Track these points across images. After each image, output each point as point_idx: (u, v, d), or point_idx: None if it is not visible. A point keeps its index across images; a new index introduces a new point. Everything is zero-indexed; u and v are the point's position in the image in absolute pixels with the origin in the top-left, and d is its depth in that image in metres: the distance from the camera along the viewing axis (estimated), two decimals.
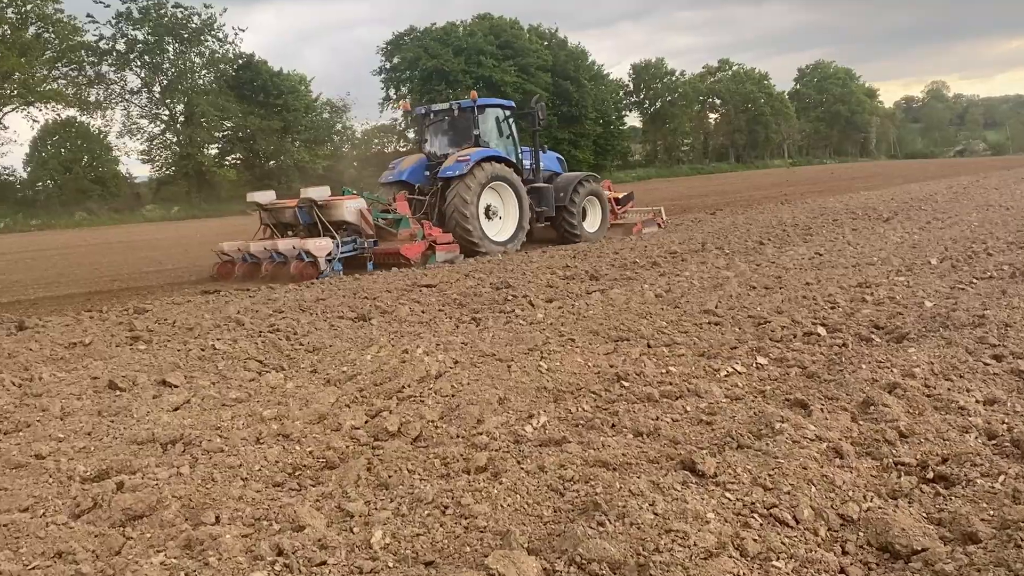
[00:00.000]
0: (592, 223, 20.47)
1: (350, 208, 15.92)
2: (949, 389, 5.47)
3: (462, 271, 13.96)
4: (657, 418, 5.27)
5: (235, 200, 54.14)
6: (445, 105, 19.13)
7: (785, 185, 44.71)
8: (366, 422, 5.55)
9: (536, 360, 6.94)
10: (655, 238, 18.46)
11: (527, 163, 19.67)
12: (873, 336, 7.26)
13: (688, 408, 5.46)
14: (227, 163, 60.30)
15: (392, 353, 7.50)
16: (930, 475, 4.22)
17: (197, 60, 58.90)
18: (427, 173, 18.67)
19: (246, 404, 6.15)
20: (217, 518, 4.09)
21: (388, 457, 4.80)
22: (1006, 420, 4.89)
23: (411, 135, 71.96)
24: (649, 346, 7.53)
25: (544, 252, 16.89)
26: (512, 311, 9.67)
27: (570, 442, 4.85)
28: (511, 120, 19.59)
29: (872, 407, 5.09)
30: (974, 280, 9.74)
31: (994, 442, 4.59)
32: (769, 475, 4.07)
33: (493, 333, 8.37)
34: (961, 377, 5.76)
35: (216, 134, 59.84)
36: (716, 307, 9.15)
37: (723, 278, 11.27)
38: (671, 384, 6.06)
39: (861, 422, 4.93)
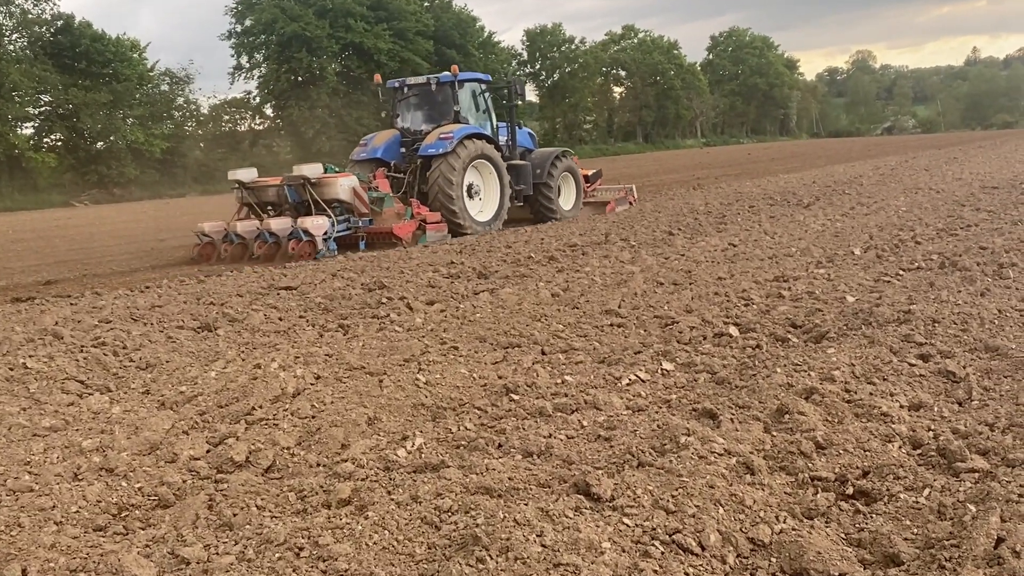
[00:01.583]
0: (567, 200, 22.35)
1: (344, 186, 17.39)
2: (871, 394, 5.68)
3: (328, 270, 13.79)
4: (550, 435, 5.30)
5: (55, 190, 52.09)
6: (421, 79, 20.88)
7: (698, 168, 45.88)
8: (208, 451, 5.41)
9: (413, 373, 6.90)
10: (553, 229, 18.65)
11: (502, 139, 21.14)
12: (790, 336, 7.48)
13: (584, 423, 5.51)
14: (45, 146, 57.96)
15: (241, 369, 7.34)
16: (849, 490, 4.37)
17: (5, 22, 56.43)
18: (403, 150, 20.41)
19: (63, 433, 5.91)
20: (24, 571, 3.91)
21: (233, 492, 4.69)
22: (932, 427, 5.11)
23: (268, 111, 70.78)
24: (543, 353, 7.58)
25: (426, 247, 16.83)
26: (386, 316, 9.60)
27: (449, 467, 4.83)
28: (487, 95, 21.19)
29: (787, 416, 5.24)
30: (900, 271, 10.17)
31: (919, 452, 4.79)
32: (672, 496, 4.14)
33: (363, 342, 8.29)
34: (884, 380, 6.00)
35: (31, 110, 57.48)
36: (619, 307, 9.28)
37: (628, 273, 11.45)
38: (567, 396, 6.11)
39: (775, 433, 5.07)
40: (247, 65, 70.42)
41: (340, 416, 5.78)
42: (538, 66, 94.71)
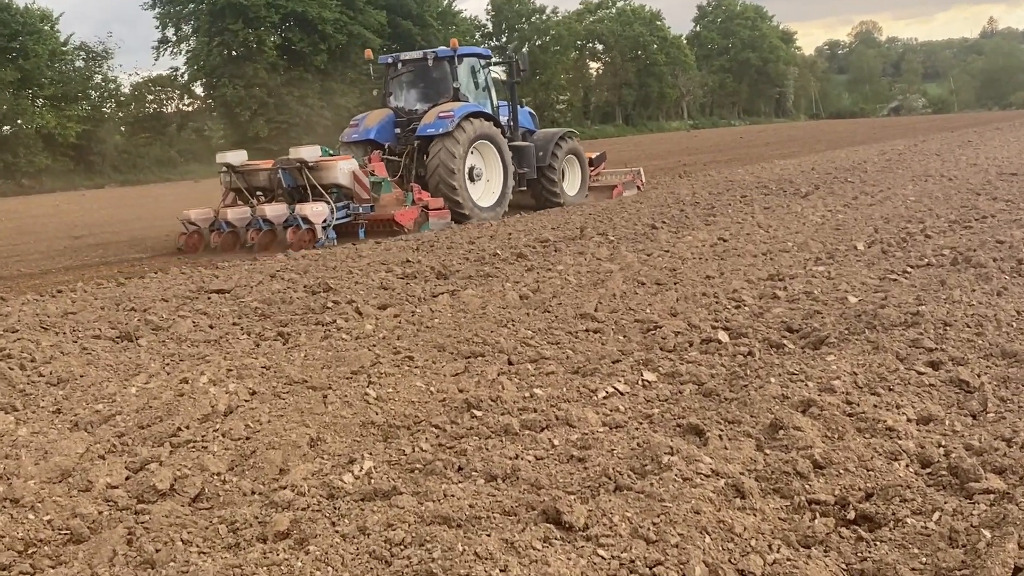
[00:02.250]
0: (572, 185, 23.16)
1: (344, 169, 18.08)
2: (875, 406, 5.72)
3: (266, 270, 13.74)
4: (516, 456, 5.29)
5: None
6: (417, 54, 21.53)
7: (684, 153, 46.14)
8: (127, 478, 5.36)
9: (362, 387, 6.88)
10: (522, 223, 18.67)
11: (503, 119, 21.71)
12: (785, 341, 7.53)
13: (556, 442, 5.51)
14: None
15: (166, 384, 7.28)
16: (851, 515, 4.40)
17: None
18: (397, 131, 21.08)
19: None
20: None
21: (156, 524, 4.64)
22: (943, 443, 5.16)
23: (199, 90, 70.30)
24: (510, 363, 7.59)
25: (378, 244, 16.79)
26: (332, 322, 9.57)
27: (402, 493, 4.81)
28: (487, 71, 21.95)
29: (781, 431, 5.27)
30: (908, 269, 10.27)
31: (928, 471, 4.83)
32: (653, 524, 4.15)
33: (305, 352, 8.25)
34: (890, 390, 6.04)
35: None
36: (595, 310, 9.30)
37: (605, 272, 11.48)
38: (536, 411, 6.11)
39: (768, 451, 5.09)
40: (174, 38, 69.78)
41: (278, 437, 5.75)
42: (504, 39, 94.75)
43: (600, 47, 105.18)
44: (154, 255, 18.22)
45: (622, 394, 6.51)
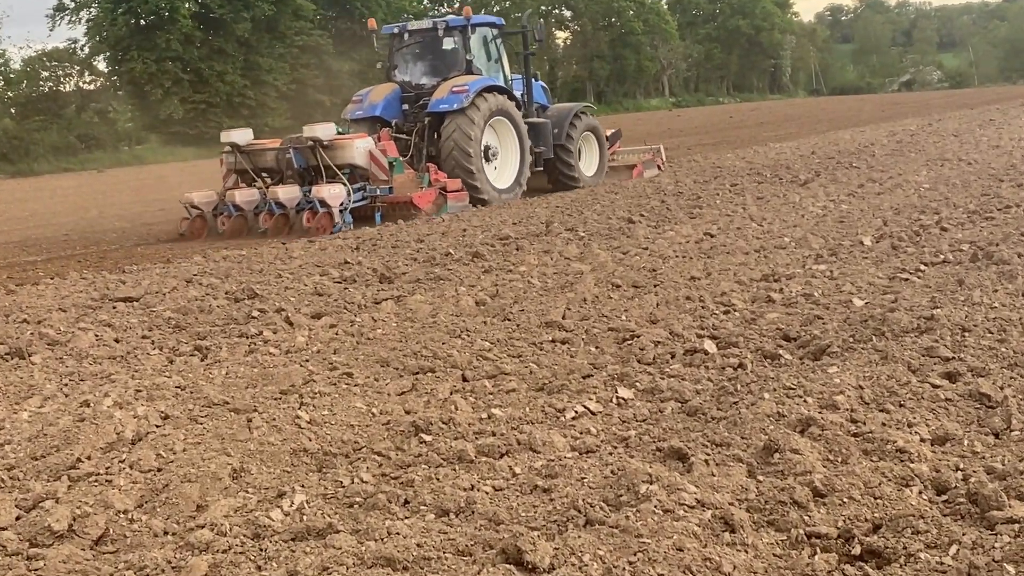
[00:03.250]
0: (589, 165, 24.33)
1: (360, 149, 19.09)
2: (884, 424, 5.77)
3: (182, 275, 13.63)
4: (471, 487, 5.29)
5: None
6: (426, 24, 22.59)
7: (666, 135, 46.25)
8: (17, 518, 5.29)
9: (293, 409, 6.85)
10: (479, 217, 18.67)
11: (517, 94, 22.62)
12: (781, 351, 7.57)
13: (517, 470, 5.51)
14: None
15: (64, 408, 7.22)
16: (856, 550, 4.42)
17: None
18: (405, 107, 22.13)
19: None
20: None
21: (52, 572, 4.60)
22: (961, 466, 5.20)
23: (102, 65, 69.76)
24: (465, 379, 7.59)
25: (312, 243, 16.73)
26: (258, 334, 9.53)
27: (339, 532, 4.80)
28: (499, 41, 22.88)
29: (777, 455, 5.30)
30: (922, 266, 10.35)
31: (944, 498, 4.87)
32: (629, 563, 4.15)
33: (227, 369, 8.22)
34: (901, 406, 6.09)
35: None
36: (563, 317, 9.32)
37: (575, 274, 11.50)
38: (494, 435, 6.11)
39: (761, 478, 5.12)
40: (71, 4, 69.26)
41: (195, 468, 5.71)
42: (457, 4, 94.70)
43: (568, 14, 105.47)
44: (50, 258, 18.03)
45: (594, 414, 6.52)
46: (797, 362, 7.36)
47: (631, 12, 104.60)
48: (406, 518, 4.99)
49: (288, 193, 18.72)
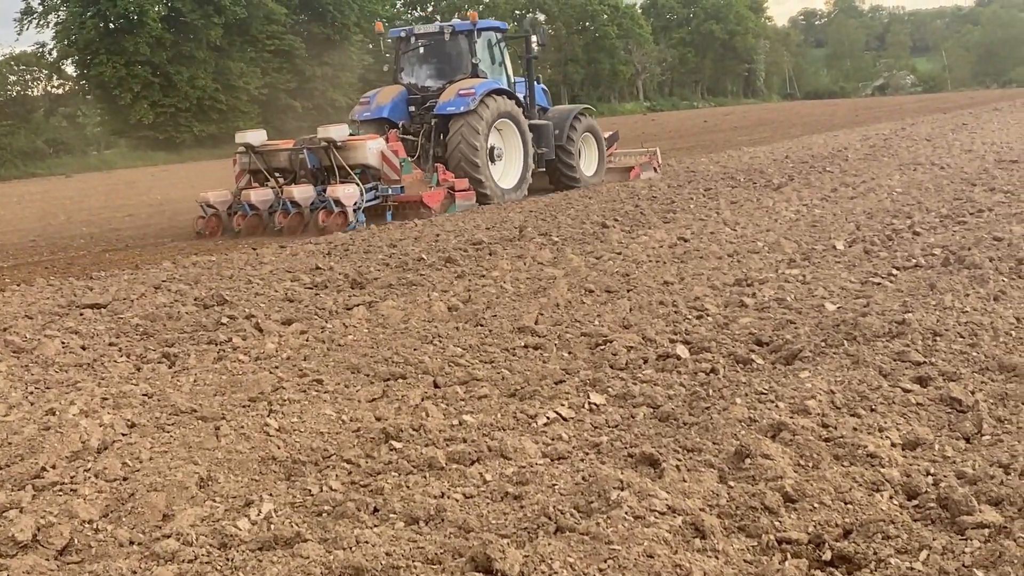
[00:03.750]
0: (588, 165, 25.41)
1: (373, 149, 19.96)
2: (855, 429, 5.79)
3: (150, 281, 13.57)
4: (442, 495, 5.28)
5: None
6: (433, 27, 23.52)
7: (639, 139, 46.35)
8: None
9: (261, 416, 6.82)
10: (452, 222, 18.67)
11: (520, 96, 23.71)
12: (753, 356, 7.60)
13: (488, 477, 5.51)
14: None
15: (29, 416, 7.16)
16: (826, 556, 4.43)
17: None
18: (411, 109, 23.01)
19: None
20: None
21: None
22: (932, 470, 5.23)
23: (70, 69, 69.45)
24: (436, 386, 7.58)
25: (283, 248, 16.69)
26: (227, 341, 9.49)
27: (307, 540, 4.78)
28: (503, 45, 24.17)
29: (748, 460, 5.31)
30: (894, 271, 10.42)
31: (915, 503, 4.89)
32: (600, 570, 4.16)
33: (195, 377, 8.18)
34: (872, 411, 6.12)
35: None
36: (536, 323, 9.33)
37: (548, 279, 11.51)
38: (465, 442, 6.11)
39: (732, 483, 5.13)
40: (40, 8, 68.94)
41: (161, 477, 5.68)
42: (431, 8, 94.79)
43: (542, 17, 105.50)
44: (17, 264, 17.91)
45: (565, 420, 6.52)
46: (769, 367, 7.39)
47: (605, 16, 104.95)
48: (375, 526, 4.98)
49: (303, 192, 19.42)
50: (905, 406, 6.17)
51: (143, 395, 7.65)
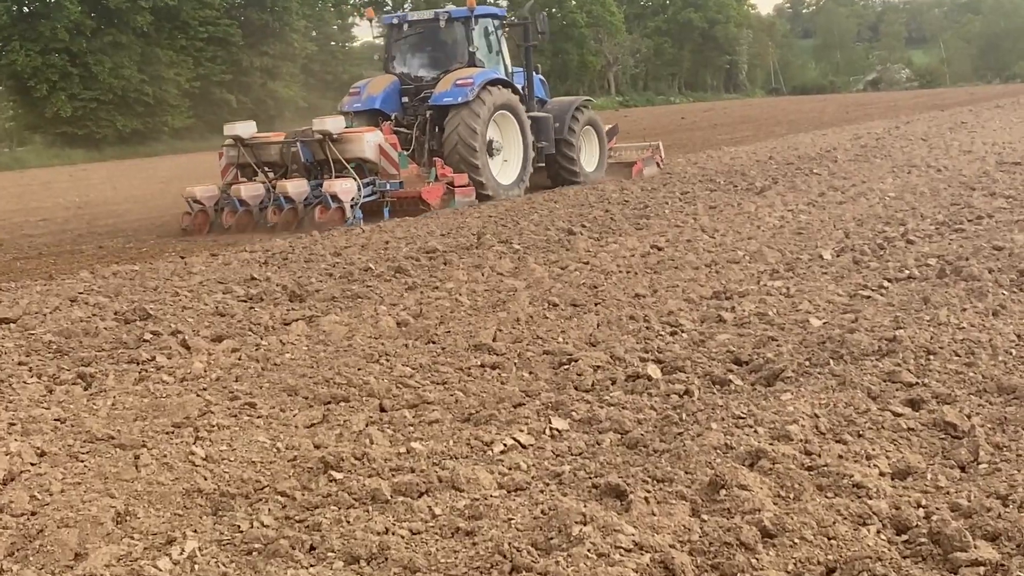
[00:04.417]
0: (589, 161, 26.22)
1: (370, 143, 20.67)
2: (841, 456, 5.81)
3: (65, 294, 13.46)
4: (386, 531, 5.25)
5: None
6: (428, 14, 24.46)
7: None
8: None
9: (187, 443, 6.79)
10: (403, 228, 18.65)
11: (518, 87, 24.45)
12: (731, 376, 7.61)
13: (437, 511, 5.48)
14: None
15: None
16: None
17: None
18: (404, 100, 23.72)
19: None
20: None
21: None
22: (924, 502, 5.25)
23: None
24: (382, 409, 7.56)
25: (215, 257, 16.60)
26: (151, 359, 9.42)
27: None
28: (500, 33, 24.89)
29: (723, 491, 5.32)
30: (885, 283, 10.48)
31: (905, 538, 4.91)
32: None
33: (114, 399, 8.11)
34: (860, 436, 6.14)
35: None
36: (494, 339, 9.33)
37: (508, 291, 11.51)
38: (413, 472, 6.09)
39: (706, 517, 5.13)
40: None
41: (74, 511, 5.62)
42: None
43: (504, 4, 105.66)
44: None
45: (524, 447, 6.51)
46: (748, 388, 7.40)
47: (573, 2, 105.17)
48: (311, 566, 4.95)
49: (297, 187, 20.16)
50: (895, 431, 6.20)
51: (55, 420, 7.57)
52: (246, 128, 21.75)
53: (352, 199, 20.03)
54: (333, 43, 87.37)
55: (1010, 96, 64.22)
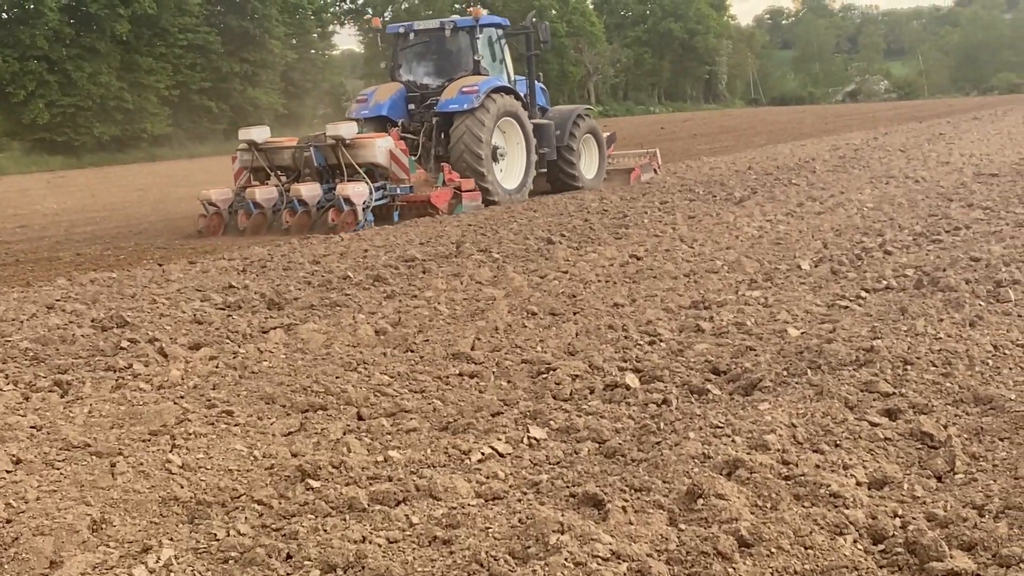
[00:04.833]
0: (589, 168, 26.93)
1: (381, 148, 21.22)
2: (818, 466, 5.82)
3: (42, 301, 13.41)
4: (363, 539, 5.24)
5: None
6: (434, 23, 25.07)
7: None
8: None
9: (163, 451, 6.76)
10: (382, 236, 18.64)
11: (521, 94, 25.06)
12: (709, 386, 7.63)
13: (415, 519, 5.47)
14: None
15: None
16: None
17: None
18: (411, 107, 24.29)
19: None
20: None
21: None
22: (900, 512, 5.27)
23: None
24: (360, 418, 7.56)
25: (192, 264, 16.56)
26: (127, 367, 9.38)
27: None
28: (503, 42, 25.67)
29: (700, 500, 5.32)
30: (862, 293, 10.52)
31: (881, 548, 4.92)
32: None
33: (90, 407, 8.07)
34: (837, 446, 6.16)
35: None
36: (472, 348, 9.33)
37: (486, 300, 11.51)
38: (391, 480, 6.09)
39: (683, 526, 5.14)
40: None
41: (49, 519, 5.60)
42: (361, 1, 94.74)
43: (484, 13, 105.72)
44: None
45: (502, 456, 6.51)
46: (726, 398, 7.42)
47: (553, 12, 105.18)
48: (288, 575, 4.94)
49: (311, 191, 20.78)
50: (872, 441, 6.21)
51: (31, 427, 7.54)
52: (261, 133, 22.27)
53: (364, 202, 20.51)
54: (313, 51, 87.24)
55: (988, 108, 64.53)
